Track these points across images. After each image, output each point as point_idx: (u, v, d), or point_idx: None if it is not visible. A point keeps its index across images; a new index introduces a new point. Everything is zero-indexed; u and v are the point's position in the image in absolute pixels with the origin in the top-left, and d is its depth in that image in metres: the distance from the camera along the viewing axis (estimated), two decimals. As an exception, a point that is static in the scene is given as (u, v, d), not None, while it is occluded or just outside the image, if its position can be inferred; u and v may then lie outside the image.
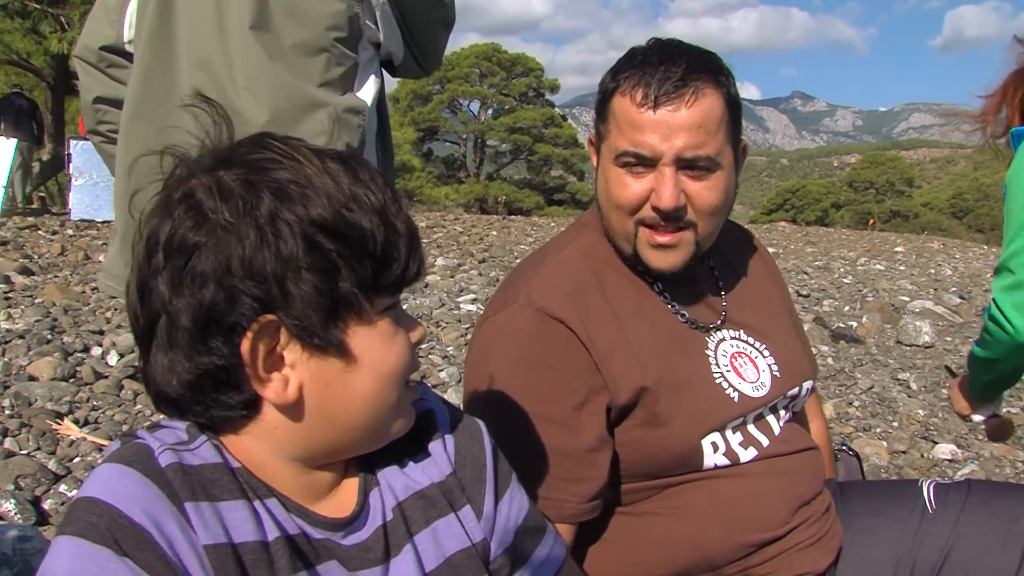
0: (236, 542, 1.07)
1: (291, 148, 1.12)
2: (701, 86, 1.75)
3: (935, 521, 2.00)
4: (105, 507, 1.00)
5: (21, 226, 13.06)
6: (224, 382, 1.10)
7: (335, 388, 1.14)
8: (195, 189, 1.08)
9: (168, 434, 1.12)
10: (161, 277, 1.07)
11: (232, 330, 1.07)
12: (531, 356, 1.77)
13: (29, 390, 5.03)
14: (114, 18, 2.24)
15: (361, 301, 1.11)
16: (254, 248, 1.05)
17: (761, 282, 2.16)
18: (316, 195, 1.08)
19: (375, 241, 1.10)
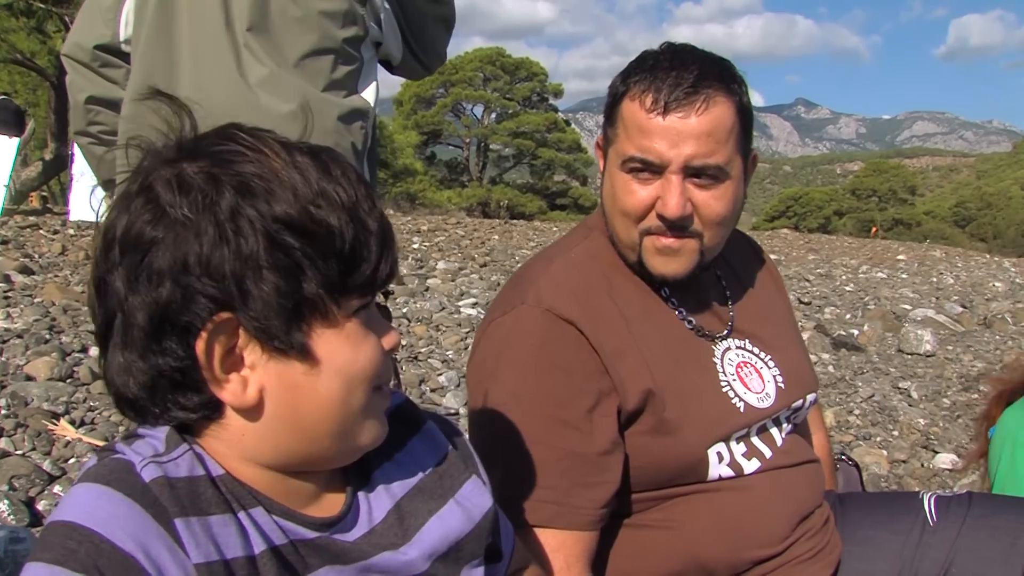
0: (228, 558, 1.02)
1: (258, 140, 1.07)
2: (712, 94, 1.72)
3: (936, 535, 1.97)
4: (85, 532, 0.95)
5: (22, 225, 13.04)
6: (180, 384, 1.05)
7: (298, 392, 1.07)
8: (154, 182, 1.03)
9: (146, 445, 1.06)
10: (118, 273, 1.02)
11: (187, 330, 1.01)
12: (542, 358, 1.74)
13: (26, 390, 5.01)
14: (109, 16, 2.21)
15: (327, 303, 1.06)
16: (212, 245, 1.00)
17: (767, 293, 2.14)
18: (281, 190, 1.03)
19: (343, 240, 1.05)
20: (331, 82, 2.10)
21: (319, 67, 2.08)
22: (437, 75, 48.35)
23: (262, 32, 2.05)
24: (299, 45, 2.06)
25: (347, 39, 2.12)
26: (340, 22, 2.10)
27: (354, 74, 2.18)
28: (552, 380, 1.73)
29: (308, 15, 2.06)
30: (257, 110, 1.96)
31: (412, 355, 6.97)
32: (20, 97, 28.18)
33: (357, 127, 2.13)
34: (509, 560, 1.45)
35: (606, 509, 1.75)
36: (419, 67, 2.48)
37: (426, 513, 1.25)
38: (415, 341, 7.49)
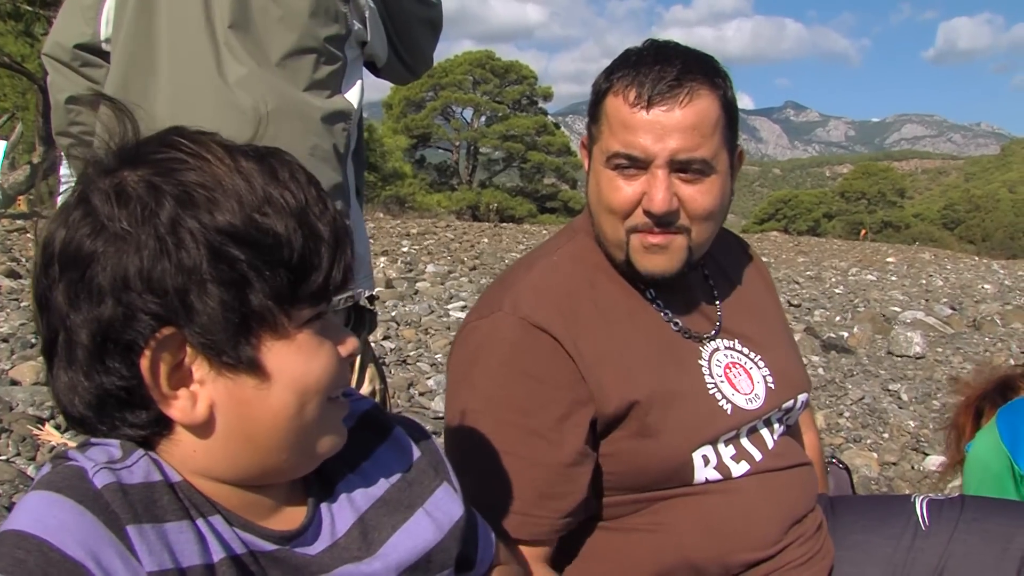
0: (184, 566, 0.99)
1: (200, 146, 1.03)
2: (696, 87, 1.70)
3: (928, 539, 1.96)
4: (35, 541, 0.91)
5: (9, 228, 13.00)
6: (127, 401, 1.01)
7: (250, 407, 1.03)
8: (92, 193, 0.99)
9: (101, 452, 1.03)
10: (58, 289, 0.98)
11: (130, 348, 0.97)
12: (513, 366, 1.72)
13: (11, 394, 4.98)
14: (90, 15, 2.17)
15: (276, 315, 1.01)
16: (153, 259, 0.95)
17: (756, 292, 2.12)
18: (225, 199, 0.98)
19: (291, 248, 1.01)
20: (313, 82, 2.07)
21: (300, 66, 2.06)
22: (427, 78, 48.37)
23: (243, 30, 2.02)
24: (280, 44, 2.04)
25: (329, 38, 2.09)
26: (323, 20, 2.07)
27: (337, 74, 2.15)
28: (522, 389, 1.71)
29: (289, 14, 2.04)
30: (235, 109, 1.94)
31: (401, 359, 6.95)
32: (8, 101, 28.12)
33: (339, 129, 2.10)
34: (488, 567, 1.43)
35: (569, 519, 1.73)
36: (404, 70, 2.45)
37: (390, 527, 1.22)
38: (404, 344, 7.48)
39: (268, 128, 1.89)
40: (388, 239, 17.21)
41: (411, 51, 2.41)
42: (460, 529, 1.30)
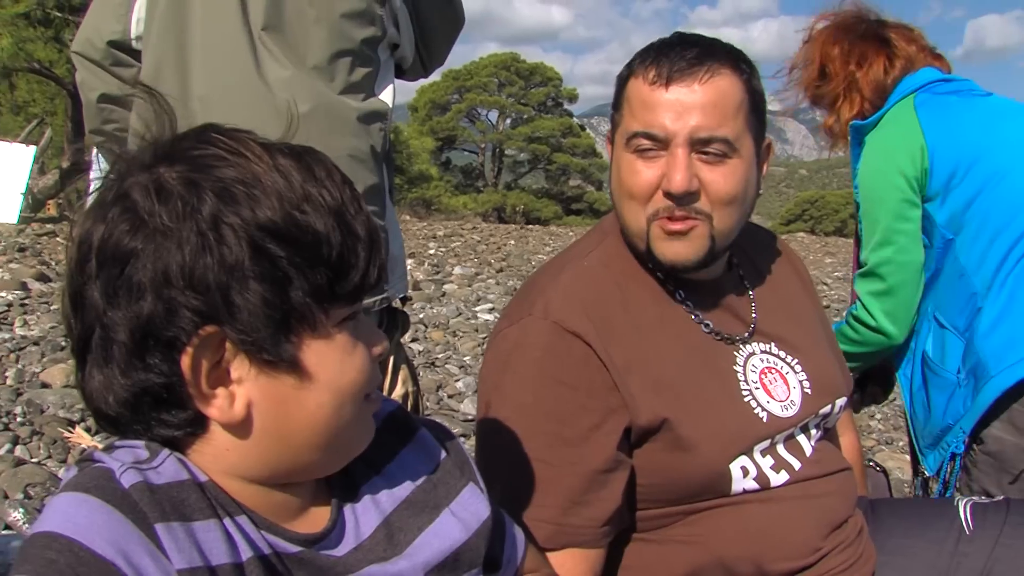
0: (213, 564, 0.98)
1: (238, 142, 1.02)
2: (717, 67, 1.68)
3: (972, 543, 1.92)
4: (64, 541, 0.91)
5: (39, 232, 13.11)
6: (164, 400, 1.00)
7: (287, 406, 1.04)
8: (131, 189, 0.98)
9: (127, 453, 1.02)
10: (95, 286, 0.97)
11: (171, 345, 0.97)
12: (546, 373, 1.68)
13: (42, 397, 5.01)
14: (121, 12, 2.16)
15: (315, 312, 1.02)
16: (195, 255, 0.95)
17: (793, 291, 2.07)
18: (265, 195, 0.98)
19: (330, 246, 1.01)
20: (349, 84, 2.07)
21: (337, 69, 2.05)
22: (452, 80, 48.48)
23: (278, 32, 2.02)
24: (317, 47, 2.04)
25: (365, 40, 2.09)
26: (359, 23, 2.07)
27: (371, 76, 2.15)
28: (555, 396, 1.68)
29: (326, 16, 2.03)
30: (275, 110, 1.94)
31: (429, 361, 6.95)
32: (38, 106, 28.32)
33: (376, 129, 2.10)
34: (515, 570, 1.42)
35: (608, 526, 1.69)
36: (421, 70, 2.46)
37: (416, 528, 1.21)
38: (432, 347, 7.48)
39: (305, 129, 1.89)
40: (415, 241, 17.25)
41: (432, 52, 2.43)
42: (488, 528, 1.29)
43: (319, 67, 2.04)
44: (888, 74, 2.75)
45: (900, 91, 2.71)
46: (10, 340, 6.30)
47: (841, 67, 2.80)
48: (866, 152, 2.71)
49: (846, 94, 2.81)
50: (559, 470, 1.65)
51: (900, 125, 2.65)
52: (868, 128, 2.72)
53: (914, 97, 2.68)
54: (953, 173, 2.57)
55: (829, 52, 2.82)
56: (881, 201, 2.65)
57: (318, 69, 2.04)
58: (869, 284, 2.71)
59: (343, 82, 2.07)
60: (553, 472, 1.66)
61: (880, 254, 2.66)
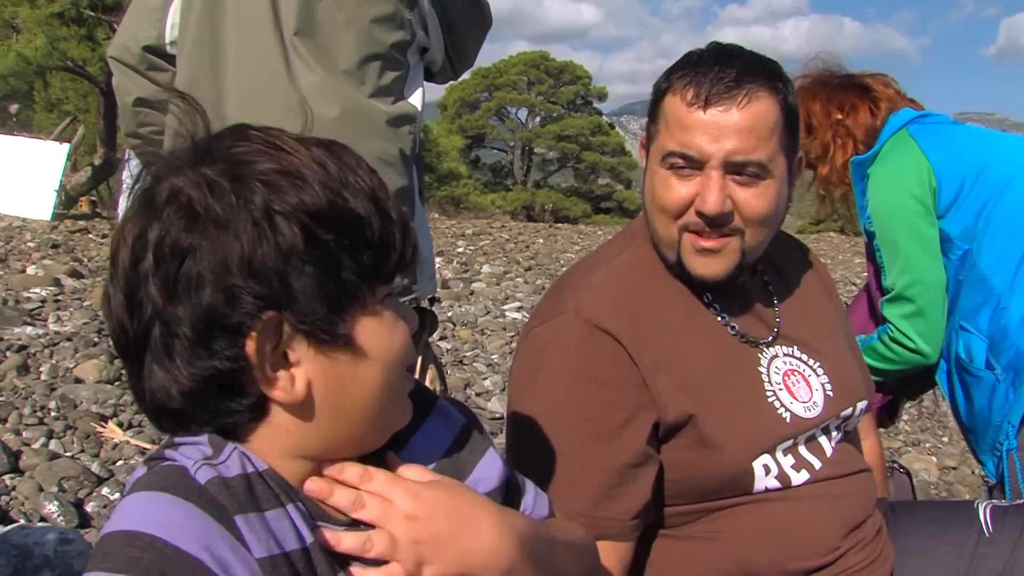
0: (287, 551, 1.03)
1: (273, 137, 1.07)
2: (755, 89, 1.69)
3: (992, 546, 1.93)
4: (147, 539, 0.94)
5: (72, 229, 13.23)
6: (227, 388, 1.04)
7: (342, 381, 1.09)
8: (182, 187, 1.02)
9: (194, 450, 1.06)
10: (152, 283, 1.01)
11: (236, 331, 1.01)
12: (578, 370, 1.72)
13: (75, 392, 5.07)
14: (156, 18, 2.21)
15: (363, 291, 1.07)
16: (252, 243, 0.99)
17: (816, 297, 2.09)
18: (307, 184, 1.03)
19: (372, 228, 1.06)
20: (379, 88, 2.10)
21: (367, 73, 2.08)
22: (481, 79, 48.44)
23: (309, 37, 2.05)
24: (347, 51, 2.07)
25: (394, 44, 2.12)
26: (389, 27, 2.10)
27: (401, 79, 2.18)
28: (586, 392, 1.71)
29: (355, 20, 2.06)
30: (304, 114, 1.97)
31: (457, 359, 6.97)
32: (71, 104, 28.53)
33: (405, 132, 2.13)
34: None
35: (638, 520, 1.72)
36: (451, 72, 2.49)
37: None
38: (460, 345, 7.50)
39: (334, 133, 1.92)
40: (443, 239, 17.27)
41: (461, 54, 2.45)
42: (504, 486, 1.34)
43: (349, 71, 2.08)
44: (876, 116, 2.88)
45: (891, 127, 2.83)
46: (44, 336, 6.37)
47: (824, 118, 2.94)
48: (872, 183, 2.82)
49: (835, 140, 2.93)
50: (590, 465, 1.69)
51: (902, 152, 2.77)
52: (869, 161, 2.82)
53: (907, 128, 2.80)
54: (961, 187, 2.69)
55: (811, 107, 2.94)
56: (897, 226, 2.75)
57: (348, 73, 2.07)
58: (899, 308, 2.79)
59: (373, 86, 2.10)
60: (584, 467, 1.69)
61: (906, 278, 2.76)
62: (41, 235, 12.20)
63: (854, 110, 2.91)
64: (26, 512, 3.64)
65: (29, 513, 3.63)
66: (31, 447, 4.25)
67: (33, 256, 10.41)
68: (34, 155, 15.57)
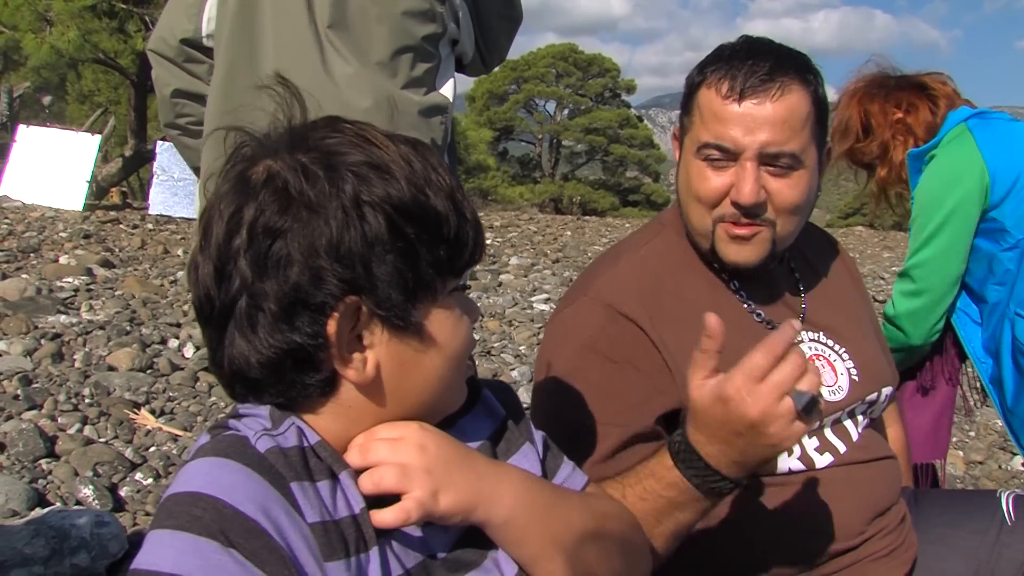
0: (337, 518, 1.08)
1: (365, 131, 1.13)
2: (788, 82, 1.73)
3: (1014, 534, 1.95)
4: (209, 500, 1.00)
5: (103, 219, 13.34)
6: (303, 362, 1.10)
7: (407, 367, 1.15)
8: (279, 171, 1.08)
9: (254, 422, 1.12)
10: (244, 258, 1.07)
11: (319, 310, 1.07)
12: (594, 348, 1.77)
13: (108, 380, 5.14)
14: (193, 12, 2.27)
15: (436, 283, 1.13)
16: (340, 229, 1.05)
17: (842, 285, 2.12)
18: (394, 178, 1.08)
19: (449, 225, 1.12)
20: (411, 79, 2.14)
21: (399, 65, 2.12)
22: (509, 71, 48.38)
23: (342, 30, 2.09)
24: (380, 44, 2.10)
25: (426, 36, 2.15)
26: (420, 20, 2.13)
27: (432, 71, 2.21)
28: (601, 371, 1.76)
29: (387, 13, 2.10)
30: (340, 104, 2.01)
31: (485, 350, 7.00)
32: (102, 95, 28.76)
33: (437, 123, 2.17)
34: None
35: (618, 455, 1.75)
36: (481, 65, 2.52)
37: None
38: (488, 336, 7.53)
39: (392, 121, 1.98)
40: (471, 232, 17.20)
41: (491, 48, 2.48)
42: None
43: (382, 63, 2.11)
44: (935, 114, 2.92)
45: (951, 121, 2.86)
46: (77, 324, 6.45)
47: (883, 118, 2.98)
48: (926, 173, 2.87)
49: (895, 139, 2.98)
50: (598, 435, 1.74)
51: (959, 147, 2.81)
52: (926, 153, 2.87)
53: (967, 123, 2.83)
54: (1016, 180, 2.74)
55: (869, 108, 3.00)
56: (934, 212, 2.81)
57: (381, 65, 2.11)
58: (902, 284, 2.91)
59: (405, 77, 2.14)
60: (593, 439, 1.74)
61: (919, 256, 2.85)
62: (73, 225, 12.30)
63: (914, 108, 2.95)
64: (62, 496, 3.71)
65: (65, 496, 3.70)
66: (66, 432, 4.32)
67: (65, 246, 10.51)
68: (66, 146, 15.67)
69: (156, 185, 15.87)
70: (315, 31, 2.09)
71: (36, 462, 3.97)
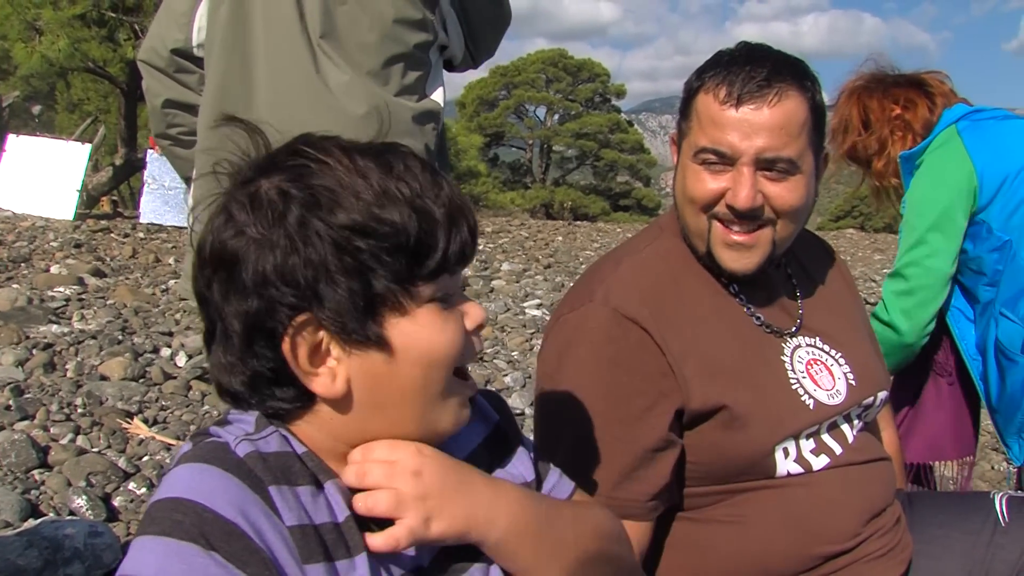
0: (317, 523, 1.11)
1: (323, 151, 1.14)
2: (785, 88, 1.74)
3: (1007, 535, 1.96)
4: (189, 505, 1.03)
5: (94, 229, 13.31)
6: (276, 380, 1.14)
7: (380, 380, 1.16)
8: (230, 203, 1.13)
9: (237, 428, 1.16)
10: (214, 287, 1.12)
11: (273, 334, 1.11)
12: (603, 355, 1.77)
13: (101, 389, 5.13)
14: (183, 22, 2.27)
15: (398, 295, 1.13)
16: (285, 255, 1.08)
17: (838, 291, 2.14)
18: (346, 198, 1.10)
19: (407, 234, 1.11)
20: (403, 87, 2.14)
21: (392, 73, 2.13)
22: (499, 77, 48.42)
23: (334, 39, 2.09)
24: (372, 52, 2.11)
25: (418, 44, 2.16)
26: (412, 28, 2.14)
27: (423, 78, 2.22)
28: (611, 378, 1.76)
29: (379, 22, 2.10)
30: (335, 112, 2.01)
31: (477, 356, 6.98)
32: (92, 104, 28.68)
33: (429, 128, 2.18)
34: None
35: (656, 501, 1.78)
36: (471, 64, 2.54)
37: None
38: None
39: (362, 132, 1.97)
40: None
41: (480, 49, 2.49)
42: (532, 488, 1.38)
43: (374, 71, 2.12)
44: (933, 112, 2.96)
45: (943, 122, 2.90)
46: (69, 334, 6.43)
47: (881, 113, 3.02)
48: (916, 176, 2.92)
49: (893, 134, 3.01)
50: (612, 447, 1.75)
51: (947, 149, 2.84)
52: (917, 155, 2.91)
53: (956, 125, 2.87)
54: (1003, 182, 2.76)
55: (868, 104, 3.05)
56: (924, 214, 2.84)
57: (373, 73, 2.12)
58: (893, 284, 2.92)
59: (397, 85, 2.15)
60: (607, 449, 1.75)
61: (909, 256, 2.87)
62: (64, 235, 12.27)
63: (912, 104, 2.99)
64: (55, 506, 3.69)
65: (58, 507, 3.68)
66: (59, 443, 4.30)
67: (56, 255, 10.49)
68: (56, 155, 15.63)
69: (147, 194, 15.83)
70: (308, 40, 2.09)
71: (29, 473, 3.96)
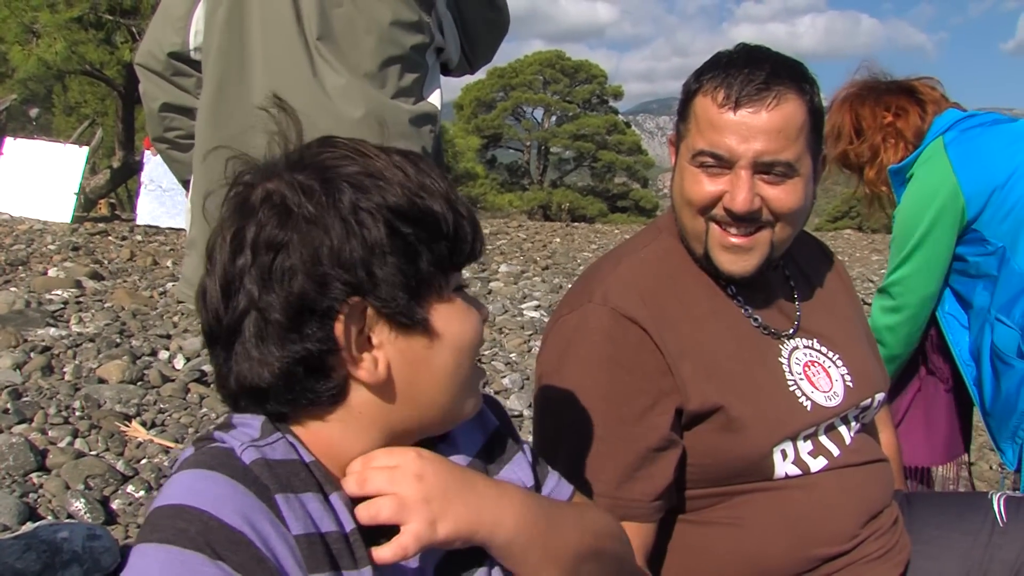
0: (323, 531, 1.10)
1: (358, 145, 1.18)
2: (783, 91, 1.74)
3: (1006, 535, 1.96)
4: (195, 512, 1.01)
5: (92, 231, 13.31)
6: (315, 370, 1.13)
7: (418, 365, 1.18)
8: (277, 189, 1.12)
9: (242, 433, 1.14)
10: (248, 276, 1.11)
11: (325, 315, 1.11)
12: (603, 355, 1.77)
13: (99, 392, 5.12)
14: (179, 25, 2.27)
15: (439, 279, 1.18)
16: (341, 238, 1.10)
17: (835, 293, 2.14)
18: (389, 185, 1.13)
19: (447, 223, 1.17)
20: (400, 90, 2.15)
21: (388, 75, 2.13)
22: (497, 79, 48.37)
23: (331, 42, 2.09)
24: (368, 55, 2.11)
25: (414, 46, 2.16)
26: (408, 30, 2.14)
27: (420, 80, 2.22)
28: (611, 378, 1.76)
29: (375, 25, 2.11)
30: (332, 115, 2.01)
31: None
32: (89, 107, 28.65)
33: (427, 131, 2.18)
34: None
35: (660, 502, 1.77)
36: (468, 67, 2.54)
37: None
38: (478, 343, 7.50)
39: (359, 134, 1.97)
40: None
41: (477, 53, 2.50)
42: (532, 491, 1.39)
43: (370, 74, 2.12)
44: (924, 119, 2.97)
45: (933, 131, 2.92)
46: (67, 337, 6.43)
47: (873, 121, 3.03)
48: (905, 193, 2.95)
49: (885, 142, 3.03)
50: (614, 447, 1.75)
51: (933, 165, 2.87)
52: (906, 169, 2.93)
53: (943, 137, 2.88)
54: (992, 192, 2.78)
55: (860, 112, 3.06)
56: (910, 231, 2.89)
57: (370, 76, 2.12)
58: (881, 300, 3.01)
59: (394, 87, 2.15)
60: (609, 449, 1.75)
61: (897, 274, 2.94)
62: (62, 238, 12.27)
63: (904, 112, 3.00)
64: (54, 509, 3.69)
65: (57, 510, 3.68)
66: (57, 446, 4.30)
67: (54, 258, 10.48)
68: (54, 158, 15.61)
69: (144, 195, 15.82)
70: (305, 43, 2.09)
71: (27, 476, 3.96)
